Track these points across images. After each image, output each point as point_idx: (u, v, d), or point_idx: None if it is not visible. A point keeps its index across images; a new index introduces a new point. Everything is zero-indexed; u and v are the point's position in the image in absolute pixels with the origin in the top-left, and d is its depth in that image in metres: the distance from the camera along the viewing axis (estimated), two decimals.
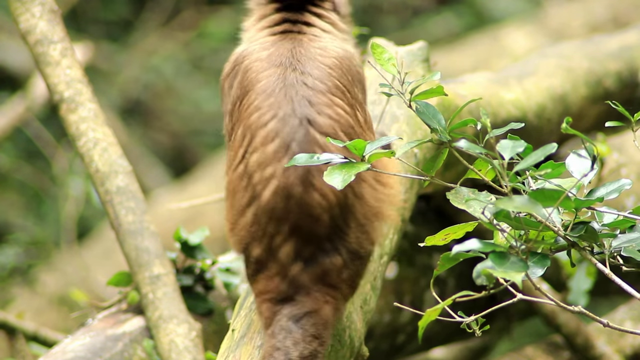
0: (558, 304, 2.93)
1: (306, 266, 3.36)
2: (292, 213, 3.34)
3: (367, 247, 3.41)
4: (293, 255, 3.36)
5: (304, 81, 3.39)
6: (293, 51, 3.47)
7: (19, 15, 4.37)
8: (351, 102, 3.43)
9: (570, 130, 2.86)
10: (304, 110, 3.36)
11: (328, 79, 3.41)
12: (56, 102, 4.34)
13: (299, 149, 3.33)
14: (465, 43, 9.28)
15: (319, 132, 3.34)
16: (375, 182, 3.42)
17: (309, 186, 3.33)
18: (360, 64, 3.58)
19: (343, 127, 3.37)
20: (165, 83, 10.56)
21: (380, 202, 3.42)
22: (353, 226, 3.37)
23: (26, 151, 9.61)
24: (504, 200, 2.72)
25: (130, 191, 4.25)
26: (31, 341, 4.76)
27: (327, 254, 3.36)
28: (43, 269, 8.11)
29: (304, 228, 3.34)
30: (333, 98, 3.39)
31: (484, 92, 4.73)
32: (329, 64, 3.44)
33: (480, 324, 2.98)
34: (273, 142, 3.35)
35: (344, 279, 3.39)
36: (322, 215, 3.33)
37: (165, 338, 4.09)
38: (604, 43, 5.42)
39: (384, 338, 4.91)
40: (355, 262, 3.40)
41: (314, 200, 3.33)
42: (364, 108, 3.52)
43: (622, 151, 5.25)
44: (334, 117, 3.37)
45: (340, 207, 3.34)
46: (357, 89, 3.50)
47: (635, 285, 3.12)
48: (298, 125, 3.34)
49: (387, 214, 3.43)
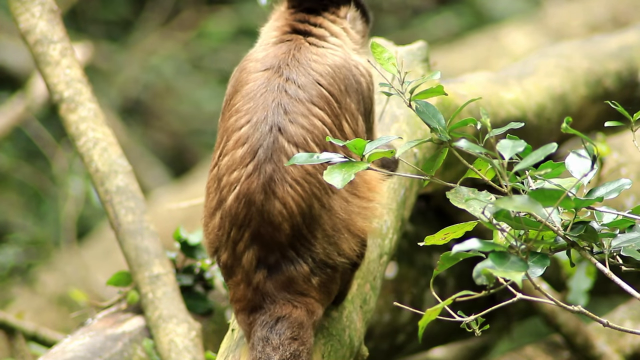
0: (558, 304, 2.93)
1: (270, 274, 3.35)
2: (253, 220, 3.33)
3: (336, 258, 3.38)
4: (256, 262, 3.36)
5: (286, 88, 3.38)
6: (288, 55, 3.46)
7: (19, 15, 4.37)
8: (337, 112, 3.40)
9: (570, 130, 2.86)
10: (276, 118, 3.34)
11: (313, 87, 3.39)
12: (56, 102, 4.34)
13: (264, 156, 3.32)
14: (465, 43, 9.28)
15: (287, 141, 3.32)
16: (349, 194, 3.39)
17: (270, 194, 3.31)
18: (367, 75, 3.55)
19: (316, 138, 3.34)
20: (165, 83, 10.56)
21: (352, 215, 3.38)
22: (320, 237, 3.35)
23: (26, 151, 9.61)
24: (504, 200, 2.72)
25: (130, 191, 4.25)
26: (31, 341, 4.76)
27: (292, 262, 3.34)
28: (43, 269, 8.11)
29: (265, 236, 3.33)
30: (312, 107, 3.36)
31: (484, 91, 4.73)
32: (320, 71, 3.42)
33: (480, 323, 2.98)
34: (242, 147, 3.35)
35: (314, 285, 3.37)
36: (283, 224, 3.32)
37: (164, 338, 4.09)
38: (603, 43, 5.43)
39: (384, 338, 4.91)
40: (326, 270, 3.38)
41: (274, 208, 3.31)
42: (358, 119, 3.48)
43: (621, 151, 5.25)
44: (307, 126, 3.34)
45: (303, 217, 3.32)
46: (352, 99, 3.46)
47: (634, 284, 3.12)
48: (268, 132, 3.33)
49: (361, 227, 3.40)
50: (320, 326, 3.55)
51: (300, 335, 3.32)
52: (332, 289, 3.43)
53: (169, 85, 10.57)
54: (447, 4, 10.82)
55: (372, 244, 3.81)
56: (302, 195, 3.31)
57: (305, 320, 3.34)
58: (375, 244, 3.82)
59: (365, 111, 3.54)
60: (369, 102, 3.57)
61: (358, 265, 3.55)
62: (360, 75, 3.52)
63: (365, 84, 3.54)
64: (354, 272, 3.57)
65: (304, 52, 3.47)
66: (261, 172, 3.31)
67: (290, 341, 3.31)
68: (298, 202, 3.31)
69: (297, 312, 3.34)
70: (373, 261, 3.77)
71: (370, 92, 3.57)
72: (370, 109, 3.58)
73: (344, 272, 3.46)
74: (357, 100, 3.49)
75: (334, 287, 3.43)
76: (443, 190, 3.02)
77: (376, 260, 3.80)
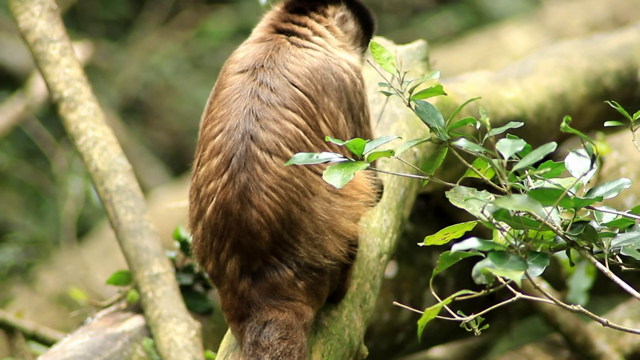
0: (557, 303, 2.93)
1: (254, 282, 3.35)
2: (232, 230, 3.33)
3: (322, 261, 3.36)
4: (239, 271, 3.36)
5: (258, 93, 3.37)
6: (265, 56, 3.44)
7: (19, 14, 4.37)
8: (312, 112, 3.38)
9: (569, 129, 2.86)
10: (248, 125, 3.33)
11: (287, 89, 3.37)
12: (55, 101, 4.34)
13: (237, 165, 3.31)
14: (464, 42, 9.28)
15: (259, 149, 3.31)
16: (331, 194, 3.36)
17: (246, 203, 3.31)
18: (351, 72, 3.52)
19: (289, 142, 3.32)
20: (165, 82, 10.56)
21: (336, 216, 3.36)
22: (303, 241, 3.33)
23: (25, 150, 9.61)
24: (503, 199, 2.72)
25: (130, 190, 4.25)
26: (30, 340, 4.76)
27: (275, 269, 3.34)
28: (42, 268, 8.11)
29: (245, 245, 3.33)
30: (284, 111, 3.35)
31: (484, 91, 4.73)
32: (296, 72, 3.40)
33: (480, 323, 2.98)
34: (217, 156, 3.35)
35: (301, 289, 3.36)
36: (262, 233, 3.31)
37: (164, 337, 4.09)
38: (603, 42, 5.43)
39: (384, 337, 4.91)
40: (312, 273, 3.37)
41: (252, 217, 3.31)
42: (339, 118, 3.45)
43: (621, 150, 5.25)
44: (279, 131, 3.32)
45: (282, 223, 3.31)
46: (331, 99, 3.43)
47: (634, 284, 3.12)
48: (240, 140, 3.33)
49: (346, 227, 3.38)
50: (320, 325, 3.56)
51: (290, 335, 3.32)
52: (321, 291, 3.42)
53: (169, 85, 10.57)
54: (447, 3, 10.82)
55: (372, 243, 3.81)
56: (278, 202, 3.30)
57: (293, 322, 3.34)
58: (375, 243, 3.82)
59: (351, 107, 3.50)
60: (356, 98, 3.53)
61: (349, 265, 3.54)
62: (343, 72, 3.49)
63: (350, 80, 3.50)
64: (346, 271, 3.56)
65: (282, 53, 3.45)
66: (236, 182, 3.31)
67: (279, 341, 3.31)
68: (275, 209, 3.30)
69: (284, 315, 3.34)
70: (373, 260, 3.77)
71: (357, 86, 3.53)
72: (361, 103, 3.55)
73: (333, 273, 3.44)
74: (337, 98, 3.46)
75: (323, 289, 3.42)
76: (442, 189, 3.02)
77: (376, 259, 3.79)
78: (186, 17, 10.70)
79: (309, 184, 3.32)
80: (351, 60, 3.55)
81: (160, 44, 10.54)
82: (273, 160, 3.30)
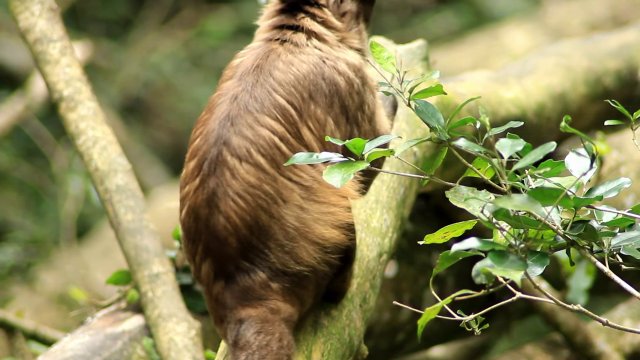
0: (557, 303, 2.93)
1: (227, 285, 3.35)
2: (202, 234, 3.34)
3: (294, 267, 3.34)
4: (212, 274, 3.36)
5: (238, 99, 3.36)
6: (254, 63, 3.43)
7: (18, 13, 4.37)
8: (293, 120, 3.35)
9: (569, 128, 2.86)
10: (221, 131, 3.33)
11: (267, 97, 3.36)
12: (55, 101, 4.34)
13: (208, 169, 3.32)
14: (464, 41, 9.28)
15: (230, 154, 3.31)
16: (305, 201, 3.33)
17: (214, 209, 3.31)
18: (347, 72, 3.47)
19: (261, 148, 3.31)
20: (165, 81, 10.56)
21: (309, 222, 3.33)
22: (273, 247, 3.31)
23: (25, 150, 9.61)
24: (503, 199, 2.72)
25: (130, 189, 4.25)
26: (30, 340, 4.76)
27: (247, 273, 3.33)
28: (42, 268, 8.11)
29: (214, 250, 3.33)
30: (261, 117, 3.34)
31: (483, 90, 4.73)
32: (280, 80, 3.38)
33: (480, 322, 2.98)
34: (193, 159, 3.36)
35: (275, 290, 3.34)
36: (229, 239, 3.30)
37: (164, 336, 4.09)
38: (603, 42, 5.43)
39: (384, 336, 4.91)
40: (285, 278, 3.35)
41: (219, 223, 3.30)
42: (327, 123, 3.41)
43: (621, 149, 5.25)
44: (251, 137, 3.31)
45: (250, 230, 3.30)
46: (319, 105, 3.40)
47: (634, 283, 3.13)
48: (213, 144, 3.33)
49: (320, 233, 3.34)
50: (320, 325, 3.55)
51: (265, 328, 3.31)
52: (302, 294, 3.39)
53: (169, 84, 10.57)
54: (447, 2, 10.82)
55: (372, 243, 3.81)
56: (245, 209, 3.29)
57: (268, 316, 3.32)
58: (375, 243, 3.82)
59: (346, 109, 3.46)
60: (352, 98, 3.48)
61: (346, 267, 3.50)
62: (337, 75, 3.45)
63: (345, 82, 3.46)
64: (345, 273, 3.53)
65: (271, 60, 3.43)
66: (205, 187, 3.31)
67: (255, 335, 3.30)
68: (242, 215, 3.29)
69: (257, 311, 3.33)
70: (372, 260, 3.77)
71: (355, 87, 3.48)
72: (359, 102, 3.50)
73: (319, 278, 3.40)
74: (327, 104, 3.42)
75: (305, 293, 3.39)
76: (442, 189, 3.02)
77: (376, 258, 3.79)
78: (186, 17, 10.70)
79: (279, 191, 3.30)
80: (350, 59, 3.51)
81: (160, 43, 10.55)
82: (242, 167, 3.29)
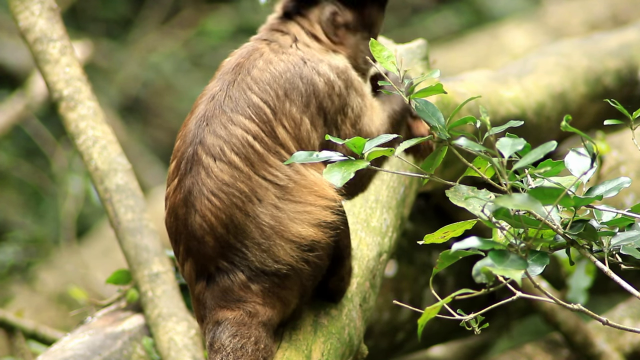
0: (557, 302, 2.93)
1: (208, 285, 3.37)
2: (182, 234, 3.36)
3: (272, 265, 3.34)
4: (194, 274, 3.38)
5: (215, 99, 3.38)
6: (235, 62, 3.45)
7: (18, 13, 4.37)
8: (267, 118, 3.36)
9: (569, 128, 2.86)
10: (197, 130, 3.36)
11: (242, 95, 3.38)
12: (55, 100, 4.33)
13: (184, 169, 3.34)
14: (464, 41, 9.28)
15: (205, 153, 3.33)
16: (279, 200, 3.34)
17: (190, 208, 3.33)
18: (327, 73, 3.47)
19: (234, 147, 3.32)
20: (165, 81, 10.56)
21: (284, 221, 3.33)
22: (250, 245, 3.32)
23: (25, 149, 9.61)
24: (504, 198, 2.72)
25: (130, 189, 4.25)
26: (30, 339, 4.76)
27: (226, 273, 3.34)
28: (42, 267, 8.11)
29: (194, 249, 3.35)
30: (234, 116, 3.35)
31: (483, 90, 4.73)
32: (256, 78, 3.40)
33: (480, 322, 2.98)
34: (174, 160, 3.40)
35: (254, 291, 3.35)
36: (205, 237, 3.32)
37: (164, 336, 4.09)
38: (603, 41, 5.43)
39: (383, 336, 4.91)
40: (264, 277, 3.36)
41: (195, 222, 3.33)
42: (302, 122, 3.41)
43: (621, 149, 5.25)
44: (224, 136, 3.33)
45: (226, 228, 3.31)
46: (294, 104, 3.40)
47: (634, 283, 3.13)
48: (189, 144, 3.36)
49: (297, 232, 3.34)
50: (320, 324, 3.56)
51: (241, 331, 3.33)
52: (284, 295, 3.39)
53: (169, 83, 10.57)
54: (447, 2, 10.82)
55: (372, 242, 3.81)
56: (220, 207, 3.30)
57: (245, 319, 3.34)
58: (375, 242, 3.82)
59: (324, 110, 3.46)
60: (332, 100, 3.48)
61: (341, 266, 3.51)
62: (316, 76, 3.45)
63: (324, 83, 3.46)
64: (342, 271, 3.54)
65: (252, 60, 3.45)
66: (182, 186, 3.34)
67: (230, 339, 3.32)
68: (217, 214, 3.31)
69: (233, 313, 3.34)
70: (372, 259, 3.78)
71: (335, 89, 3.47)
72: (340, 105, 3.49)
73: (304, 278, 3.40)
74: (304, 103, 3.43)
75: (287, 293, 3.39)
76: (442, 188, 3.02)
77: (375, 258, 3.80)
78: (186, 16, 10.70)
79: (254, 190, 3.31)
80: (334, 61, 3.51)
81: (160, 43, 10.55)
82: (216, 165, 3.31)
